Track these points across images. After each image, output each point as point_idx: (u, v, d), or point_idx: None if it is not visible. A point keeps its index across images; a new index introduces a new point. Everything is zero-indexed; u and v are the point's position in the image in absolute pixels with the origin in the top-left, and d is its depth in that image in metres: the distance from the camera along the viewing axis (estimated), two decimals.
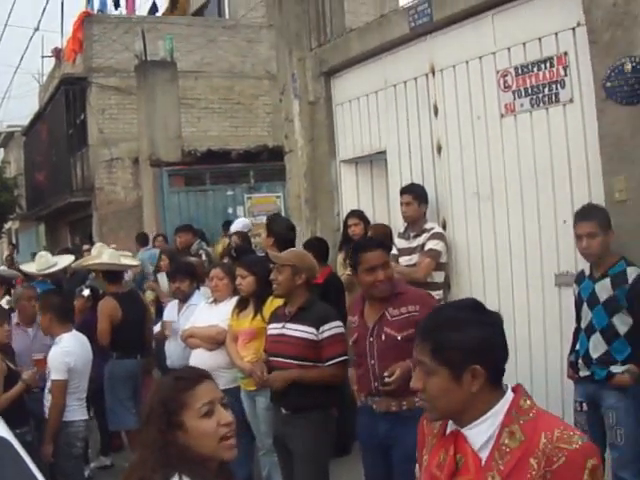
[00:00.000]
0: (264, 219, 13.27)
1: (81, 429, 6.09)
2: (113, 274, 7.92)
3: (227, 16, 21.04)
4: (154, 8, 21.85)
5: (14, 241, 34.31)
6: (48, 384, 6.03)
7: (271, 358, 5.26)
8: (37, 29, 20.47)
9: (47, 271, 9.23)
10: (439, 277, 6.69)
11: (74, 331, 6.28)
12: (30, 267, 9.61)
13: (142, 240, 13.33)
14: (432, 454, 2.40)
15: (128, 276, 10.20)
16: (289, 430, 5.06)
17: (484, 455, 2.18)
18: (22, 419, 5.87)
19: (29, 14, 21.57)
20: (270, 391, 5.33)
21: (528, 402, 2.25)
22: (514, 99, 6.07)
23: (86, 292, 8.35)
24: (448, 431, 2.35)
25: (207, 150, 16.51)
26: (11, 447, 3.38)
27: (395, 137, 7.62)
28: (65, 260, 9.95)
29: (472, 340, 2.18)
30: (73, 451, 6.01)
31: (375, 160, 8.37)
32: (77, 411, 6.05)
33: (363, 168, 8.62)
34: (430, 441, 2.45)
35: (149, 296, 9.25)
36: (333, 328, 5.02)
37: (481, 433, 2.20)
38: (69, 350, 6.00)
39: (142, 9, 21.83)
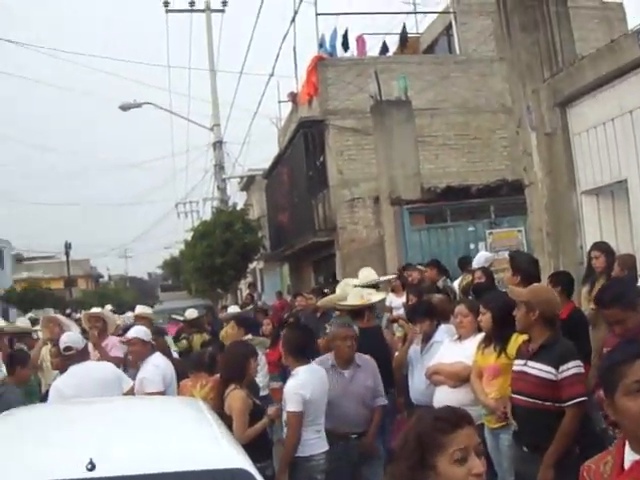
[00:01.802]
0: (506, 254, 13.45)
1: (322, 462, 6.39)
2: (357, 312, 8.42)
3: (458, 51, 21.58)
4: (385, 49, 22.88)
5: (259, 281, 36.45)
6: (284, 416, 6.43)
7: (513, 395, 5.49)
8: (272, 75, 22.17)
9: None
10: None
11: (312, 364, 6.67)
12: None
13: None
14: None
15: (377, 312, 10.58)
16: (530, 468, 5.20)
17: None
18: (264, 453, 6.21)
19: (263, 61, 23.30)
20: (512, 429, 5.60)
21: None
22: None
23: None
24: (629, 463, 2.61)
25: (446, 187, 17.08)
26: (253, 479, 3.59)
27: (635, 165, 7.79)
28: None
29: None
30: None
31: (616, 190, 8.51)
32: (316, 444, 6.41)
33: (604, 198, 8.76)
34: None
35: (398, 332, 9.55)
36: (572, 368, 5.12)
37: None
38: (304, 383, 6.35)
39: (373, 50, 22.84)
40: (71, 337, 7.51)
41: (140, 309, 12.48)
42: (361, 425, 6.93)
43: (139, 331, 8.28)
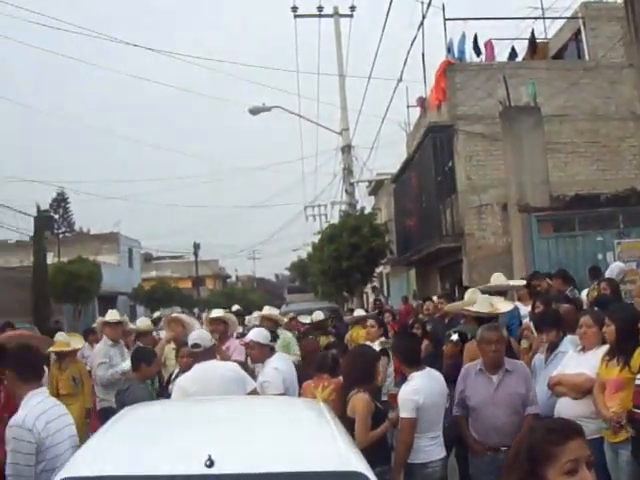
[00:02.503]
0: (634, 265, 13.39)
1: (437, 469, 6.41)
2: (483, 319, 8.39)
3: (587, 57, 21.37)
4: (513, 54, 22.99)
5: (385, 286, 36.86)
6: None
7: (634, 410, 5.66)
8: (400, 80, 22.47)
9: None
10: None
11: (427, 369, 6.68)
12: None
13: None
14: None
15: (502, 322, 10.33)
16: None
17: None
18: (383, 458, 6.27)
19: (392, 65, 23.73)
20: (632, 445, 5.69)
21: None
22: None
23: (454, 337, 9.01)
24: None
25: (575, 195, 17.06)
26: None
27: None
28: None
29: None
30: None
31: None
32: (432, 451, 6.42)
33: None
34: None
35: (524, 344, 9.36)
36: None
37: None
38: (417, 388, 6.38)
39: (501, 55, 22.98)
40: (201, 334, 7.71)
41: (267, 310, 12.62)
42: (511, 436, 6.45)
43: (257, 334, 8.42)
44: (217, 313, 10.79)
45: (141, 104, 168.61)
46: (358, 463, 3.74)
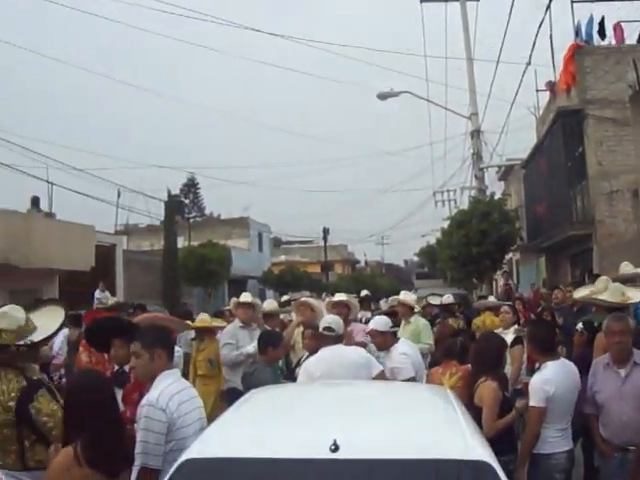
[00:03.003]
0: None
1: (562, 461, 6.38)
2: (615, 309, 8.06)
3: None
4: None
5: (514, 273, 36.75)
6: None
7: None
8: (529, 63, 22.49)
9: None
10: None
11: (562, 360, 6.68)
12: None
13: None
14: None
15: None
16: None
17: None
18: (509, 447, 6.31)
19: (520, 49, 23.71)
20: None
21: None
22: None
23: (579, 326, 8.94)
24: None
25: None
26: (495, 474, 3.59)
27: None
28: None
29: None
30: None
31: None
32: (558, 443, 6.39)
33: None
34: None
35: None
36: None
37: None
38: (549, 378, 6.36)
39: (630, 38, 22.31)
40: (335, 319, 7.79)
41: (403, 295, 12.67)
42: None
43: (376, 322, 8.58)
44: (340, 297, 10.87)
45: (264, 88, 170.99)
46: (484, 452, 3.76)
